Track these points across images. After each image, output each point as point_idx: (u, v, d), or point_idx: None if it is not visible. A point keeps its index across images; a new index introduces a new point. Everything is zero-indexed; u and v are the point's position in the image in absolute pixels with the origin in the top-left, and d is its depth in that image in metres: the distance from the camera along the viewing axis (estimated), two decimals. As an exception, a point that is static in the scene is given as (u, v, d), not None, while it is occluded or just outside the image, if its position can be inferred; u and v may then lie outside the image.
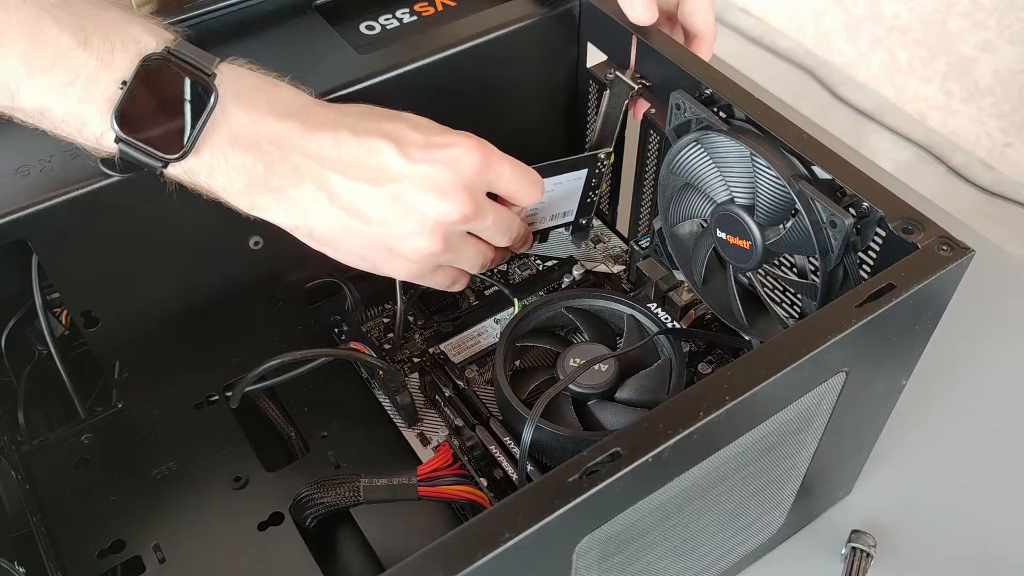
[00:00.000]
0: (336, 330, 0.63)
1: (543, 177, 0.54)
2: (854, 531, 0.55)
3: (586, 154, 0.58)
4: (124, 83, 0.41)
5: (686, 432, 0.35)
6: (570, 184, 0.59)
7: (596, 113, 0.65)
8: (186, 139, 0.42)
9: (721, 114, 0.50)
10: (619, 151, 0.63)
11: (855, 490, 0.59)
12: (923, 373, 0.50)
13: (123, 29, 0.41)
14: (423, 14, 0.60)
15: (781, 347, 0.38)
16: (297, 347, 0.57)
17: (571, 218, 0.62)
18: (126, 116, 0.41)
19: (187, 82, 0.42)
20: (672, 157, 0.53)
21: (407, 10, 0.61)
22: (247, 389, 0.57)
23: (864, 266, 0.46)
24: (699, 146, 0.51)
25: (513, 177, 0.49)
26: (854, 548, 0.55)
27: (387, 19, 0.60)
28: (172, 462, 0.57)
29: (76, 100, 0.40)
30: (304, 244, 0.60)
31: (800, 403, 0.42)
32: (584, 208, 0.61)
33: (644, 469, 0.35)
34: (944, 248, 0.42)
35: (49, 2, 0.39)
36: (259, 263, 0.58)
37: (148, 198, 0.51)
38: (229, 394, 0.58)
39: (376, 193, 0.46)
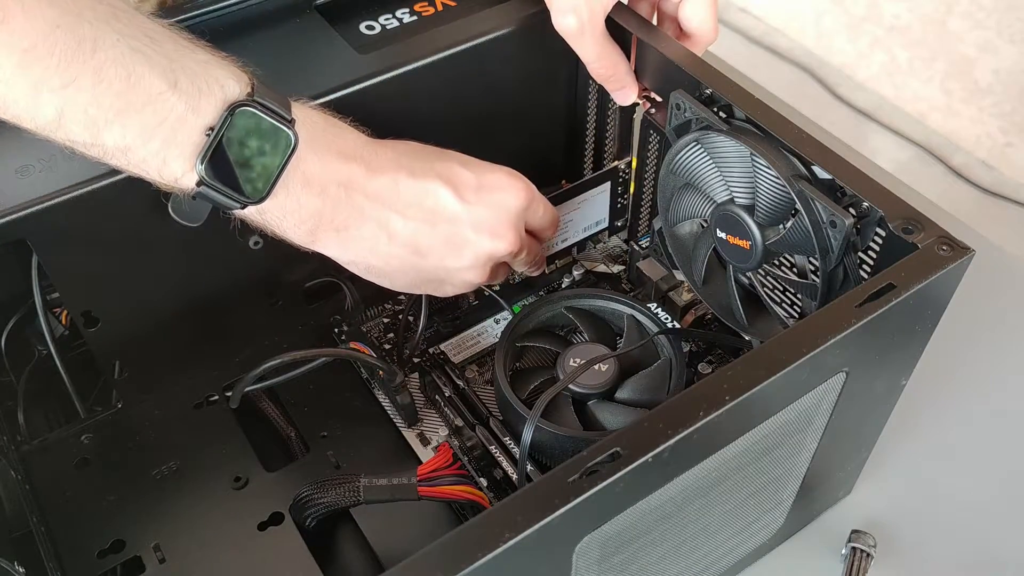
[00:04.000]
0: (336, 330, 0.63)
1: (572, 196, 0.62)
2: (854, 531, 0.55)
3: (607, 169, 0.64)
4: (211, 129, 0.41)
5: (686, 432, 0.35)
6: (597, 197, 0.64)
7: (599, 115, 0.65)
8: (267, 185, 0.44)
9: (721, 114, 0.50)
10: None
11: (855, 490, 0.59)
12: (923, 373, 0.50)
13: (208, 72, 0.42)
14: (423, 14, 0.60)
15: (781, 347, 0.38)
16: (297, 347, 0.57)
17: (605, 224, 0.67)
18: (210, 162, 0.42)
19: (268, 129, 0.43)
20: (672, 157, 0.53)
21: (407, 10, 0.61)
22: (247, 389, 0.57)
23: (864, 266, 0.46)
24: (699, 146, 0.51)
25: (545, 214, 0.55)
26: (854, 548, 0.55)
27: (387, 19, 0.60)
28: (172, 462, 0.57)
29: (160, 142, 0.41)
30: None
31: (800, 403, 0.42)
32: (616, 213, 0.67)
33: (644, 469, 0.35)
34: (944, 248, 0.42)
35: (140, 42, 0.39)
36: (259, 263, 0.58)
37: (148, 198, 0.51)
38: (229, 394, 0.58)
39: (432, 232, 0.49)
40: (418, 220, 0.49)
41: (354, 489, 0.51)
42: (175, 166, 0.42)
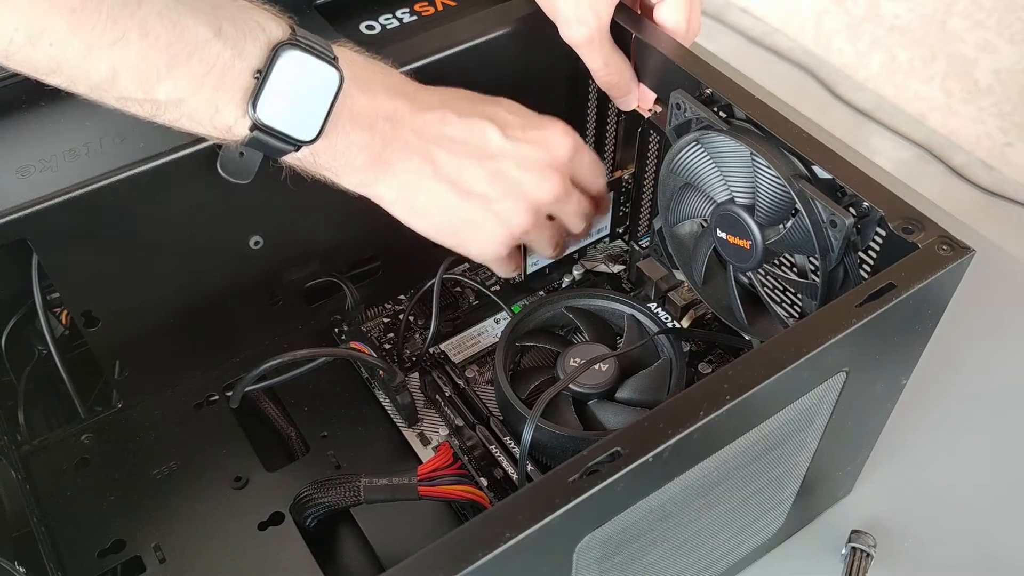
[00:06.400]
0: (336, 330, 0.63)
1: None
2: (854, 531, 0.55)
3: (611, 180, 0.64)
4: (258, 72, 0.42)
5: (686, 432, 0.35)
6: None
7: (599, 116, 0.65)
8: (318, 123, 0.44)
9: (721, 114, 0.50)
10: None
11: (855, 490, 0.59)
12: (923, 373, 0.50)
13: (249, 16, 0.42)
14: (423, 14, 0.60)
15: (781, 347, 0.38)
16: (297, 347, 0.57)
17: (607, 232, 0.67)
18: (260, 104, 0.42)
19: (314, 67, 0.43)
20: (672, 157, 0.53)
21: (407, 10, 0.61)
22: (247, 389, 0.57)
23: (864, 266, 0.46)
24: (699, 146, 0.51)
25: (591, 164, 0.54)
26: (854, 548, 0.55)
27: (387, 19, 0.60)
28: (172, 462, 0.57)
29: (211, 89, 0.41)
30: (304, 244, 0.60)
31: (800, 403, 0.42)
32: (617, 220, 0.67)
33: (644, 469, 0.35)
34: (944, 248, 0.42)
35: None
36: (259, 263, 0.58)
37: (148, 198, 0.51)
38: (229, 394, 0.58)
39: (478, 168, 0.49)
40: (463, 155, 0.49)
41: (354, 489, 0.51)
42: (227, 113, 0.42)
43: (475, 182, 0.49)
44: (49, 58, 0.38)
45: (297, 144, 0.44)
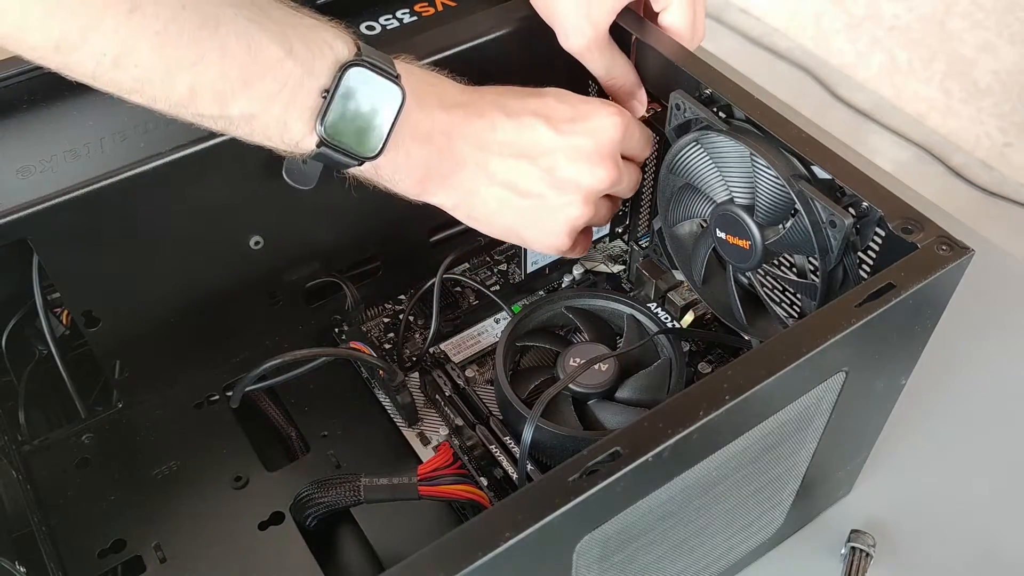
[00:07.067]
0: (336, 330, 0.63)
1: None
2: (854, 531, 0.56)
3: None
4: (326, 91, 0.42)
5: (686, 432, 0.35)
6: None
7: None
8: (382, 140, 0.45)
9: (721, 114, 0.50)
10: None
11: (855, 490, 0.59)
12: (923, 373, 0.50)
13: (317, 35, 0.43)
14: (423, 14, 0.60)
15: (781, 347, 0.38)
16: (297, 347, 0.57)
17: (606, 232, 0.67)
18: (328, 122, 0.43)
19: (378, 84, 0.44)
20: (672, 157, 0.53)
21: (407, 10, 0.61)
22: (247, 389, 0.57)
23: (864, 266, 0.46)
24: (699, 146, 0.51)
25: (641, 137, 0.54)
26: (854, 548, 0.55)
27: (387, 19, 0.60)
28: (173, 462, 0.57)
29: (281, 107, 0.42)
30: (305, 244, 0.60)
31: (800, 403, 0.42)
32: (616, 220, 0.67)
33: (644, 469, 0.35)
34: (943, 248, 0.42)
35: (253, 12, 0.41)
36: (259, 263, 0.58)
37: (148, 198, 0.51)
38: (229, 394, 0.58)
39: (531, 167, 0.49)
40: (515, 157, 0.49)
41: (354, 489, 0.51)
42: (296, 129, 0.43)
43: (530, 182, 0.50)
44: (134, 79, 0.39)
45: (361, 160, 0.45)
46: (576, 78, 0.62)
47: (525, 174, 0.49)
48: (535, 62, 0.59)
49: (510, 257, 0.68)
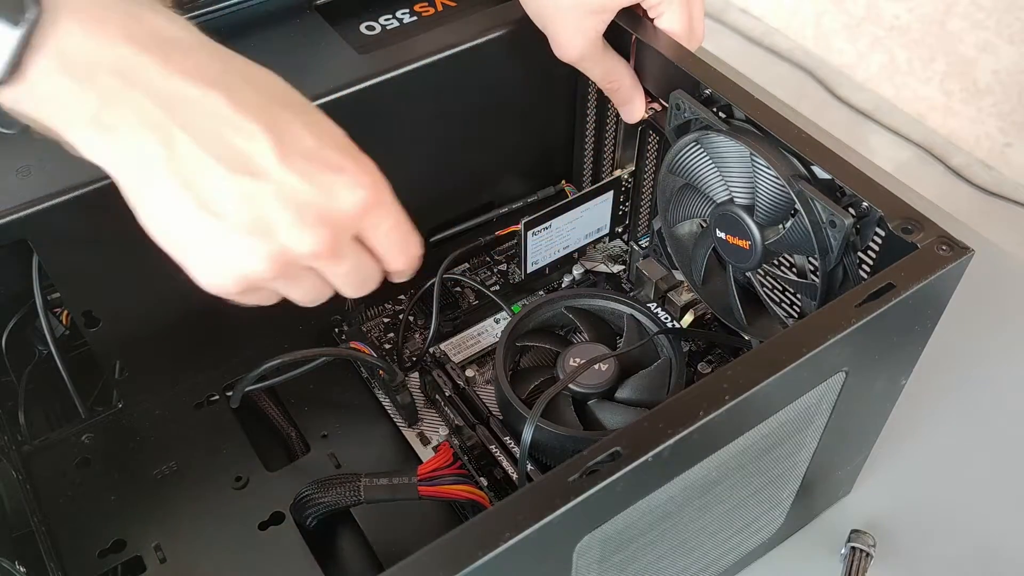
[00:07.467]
0: (336, 330, 0.63)
1: (576, 207, 0.60)
2: (854, 531, 0.56)
3: (611, 179, 0.64)
4: None
5: (686, 432, 0.35)
6: (599, 206, 0.64)
7: (599, 115, 0.65)
8: (4, 60, 0.34)
9: (721, 114, 0.50)
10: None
11: (855, 490, 0.59)
12: (923, 373, 0.50)
13: None
14: (423, 14, 0.60)
15: (781, 347, 0.38)
16: (297, 347, 0.57)
17: (606, 231, 0.66)
18: None
19: None
20: (672, 157, 0.53)
21: (407, 10, 0.61)
22: (247, 389, 0.57)
23: (864, 266, 0.46)
24: (699, 146, 0.51)
25: (389, 234, 0.41)
26: (854, 548, 0.55)
27: (387, 19, 0.60)
28: (173, 462, 0.57)
29: None
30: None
31: (799, 403, 0.42)
32: (616, 220, 0.67)
33: (644, 469, 0.35)
34: (943, 248, 0.42)
35: None
36: (259, 263, 0.58)
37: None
38: (229, 394, 0.58)
39: (226, 179, 0.36)
40: (213, 155, 0.36)
41: (354, 488, 0.51)
42: None
43: (215, 194, 0.37)
44: None
45: None
46: (575, 78, 0.62)
47: (215, 183, 0.36)
48: (535, 62, 0.59)
49: (510, 257, 0.68)
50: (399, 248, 0.42)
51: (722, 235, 0.52)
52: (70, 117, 0.36)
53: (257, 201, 0.37)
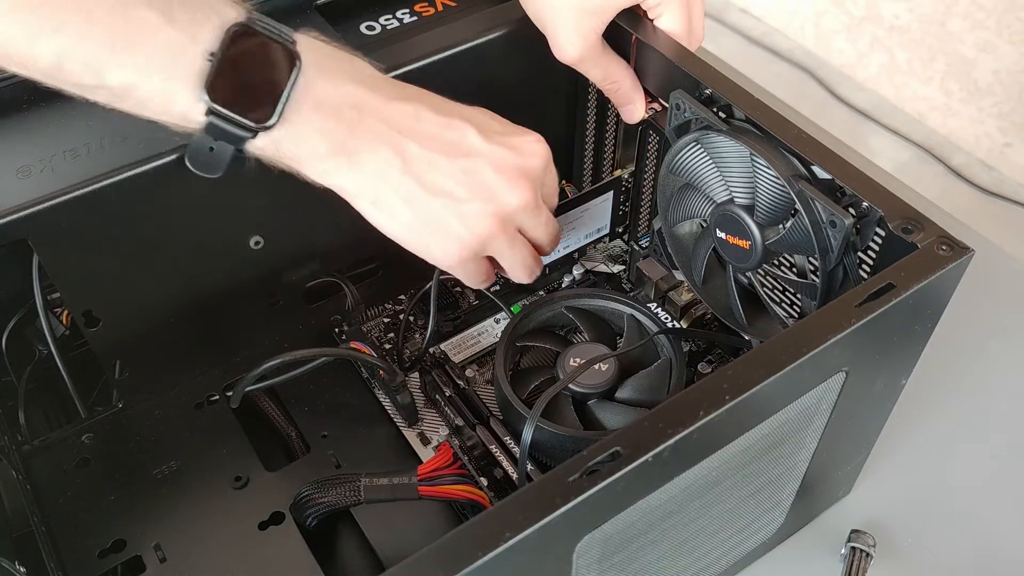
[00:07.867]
0: (336, 330, 0.63)
1: (576, 206, 0.62)
2: (854, 531, 0.56)
3: (612, 179, 0.64)
4: (212, 55, 0.40)
5: (686, 432, 0.35)
6: (600, 205, 0.64)
7: (599, 115, 0.65)
8: (277, 107, 0.42)
9: (721, 114, 0.50)
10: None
11: (855, 490, 0.59)
12: (923, 373, 0.50)
13: (204, 1, 0.41)
14: (423, 14, 0.60)
15: (781, 347, 0.38)
16: (297, 347, 0.57)
17: (607, 231, 0.66)
18: (215, 87, 0.41)
19: (271, 50, 0.42)
20: (672, 157, 0.53)
21: (407, 10, 0.61)
22: (247, 389, 0.57)
23: (864, 266, 0.46)
24: (699, 146, 0.51)
25: (550, 184, 0.52)
26: (854, 548, 0.55)
27: (387, 19, 0.60)
28: (173, 462, 0.57)
29: (163, 76, 0.40)
30: (304, 244, 0.60)
31: (800, 403, 0.42)
32: (617, 220, 0.66)
33: (644, 469, 0.35)
34: (943, 248, 0.42)
35: None
36: (259, 263, 0.58)
37: (148, 198, 0.51)
38: (229, 394, 0.58)
39: (449, 165, 0.47)
40: (436, 150, 0.46)
41: (355, 488, 0.51)
42: (181, 99, 0.41)
43: (444, 179, 0.46)
44: None
45: (254, 130, 0.42)
46: (575, 78, 0.62)
47: (442, 169, 0.46)
48: (535, 62, 0.59)
49: (510, 257, 0.68)
50: (553, 191, 0.53)
51: (722, 235, 0.52)
52: (315, 150, 0.44)
53: (477, 174, 0.47)
